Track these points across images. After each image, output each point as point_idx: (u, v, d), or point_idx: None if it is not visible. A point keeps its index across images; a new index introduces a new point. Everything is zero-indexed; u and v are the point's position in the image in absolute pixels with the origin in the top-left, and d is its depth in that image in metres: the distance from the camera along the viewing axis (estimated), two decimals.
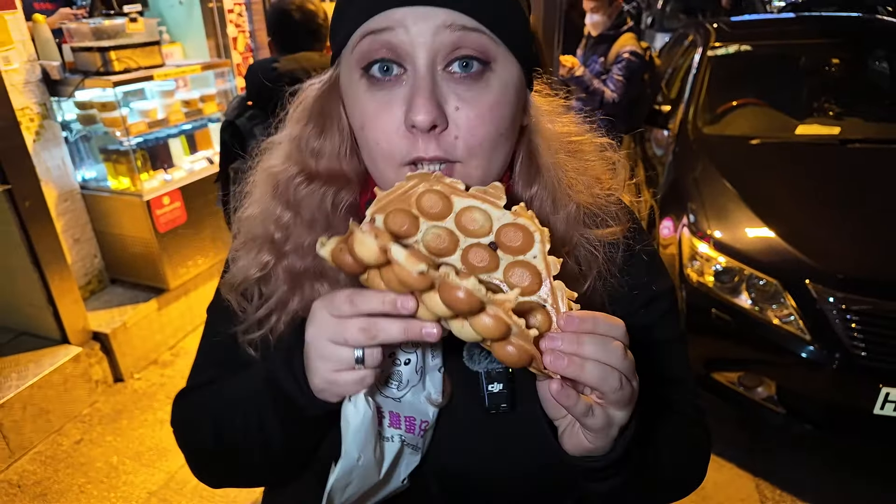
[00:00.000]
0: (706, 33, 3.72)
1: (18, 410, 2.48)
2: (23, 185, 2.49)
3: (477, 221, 0.53)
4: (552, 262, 0.51)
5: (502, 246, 0.52)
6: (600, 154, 0.68)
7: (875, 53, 3.65)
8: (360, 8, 0.54)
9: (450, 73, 0.53)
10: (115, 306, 3.06)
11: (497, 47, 0.54)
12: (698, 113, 3.21)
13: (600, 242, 0.64)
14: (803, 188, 2.63)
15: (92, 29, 2.79)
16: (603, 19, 3.31)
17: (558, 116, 0.66)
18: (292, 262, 0.64)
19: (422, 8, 0.51)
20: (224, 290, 0.69)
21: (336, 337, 0.52)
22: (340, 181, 0.64)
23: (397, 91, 0.54)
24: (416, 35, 0.52)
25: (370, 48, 0.54)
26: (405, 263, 0.46)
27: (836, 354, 2.09)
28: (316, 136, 0.64)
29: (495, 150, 0.56)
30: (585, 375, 0.49)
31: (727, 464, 2.41)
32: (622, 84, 3.18)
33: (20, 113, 2.58)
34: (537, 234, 0.52)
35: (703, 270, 2.38)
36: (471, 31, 0.52)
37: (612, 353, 0.49)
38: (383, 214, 0.54)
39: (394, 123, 0.54)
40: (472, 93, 0.54)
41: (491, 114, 0.54)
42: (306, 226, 0.64)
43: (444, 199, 0.54)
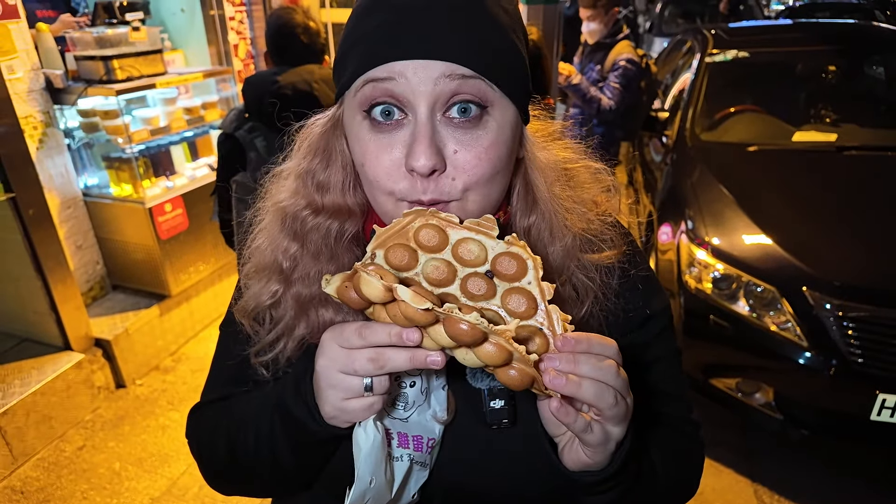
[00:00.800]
0: (704, 40, 3.75)
1: (21, 417, 2.50)
2: (26, 193, 2.52)
3: (473, 252, 0.56)
4: (546, 287, 0.54)
5: (498, 274, 0.55)
6: (595, 177, 0.70)
7: (871, 60, 3.67)
8: (361, 56, 0.56)
9: (448, 118, 0.56)
10: (117, 313, 3.08)
11: (494, 92, 0.56)
12: (696, 119, 3.24)
13: (596, 268, 0.66)
14: (800, 195, 2.65)
15: (95, 38, 2.82)
16: (599, 27, 3.34)
17: (553, 142, 0.68)
18: (299, 290, 0.67)
19: (422, 61, 0.54)
20: (237, 315, 0.72)
21: (346, 367, 0.55)
22: (344, 214, 0.67)
23: (398, 134, 0.57)
24: (416, 84, 0.54)
25: (372, 94, 0.56)
26: (411, 302, 0.49)
27: (832, 361, 2.11)
28: (321, 170, 0.66)
29: (491, 185, 0.59)
30: (582, 393, 0.51)
31: (725, 469, 2.43)
32: (619, 91, 3.21)
33: (24, 121, 2.60)
34: (530, 261, 0.55)
35: (702, 277, 2.40)
36: (469, 79, 0.54)
37: (606, 372, 0.52)
38: (383, 250, 0.57)
39: (394, 164, 0.57)
40: (469, 136, 0.56)
41: (487, 154, 0.57)
42: (312, 256, 0.67)
43: (440, 232, 0.56)
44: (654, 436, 0.70)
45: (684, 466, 0.75)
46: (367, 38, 0.56)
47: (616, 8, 3.34)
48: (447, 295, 0.57)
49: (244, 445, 0.69)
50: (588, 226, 0.66)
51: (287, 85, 1.85)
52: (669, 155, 3.20)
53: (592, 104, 3.24)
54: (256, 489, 0.77)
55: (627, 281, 0.70)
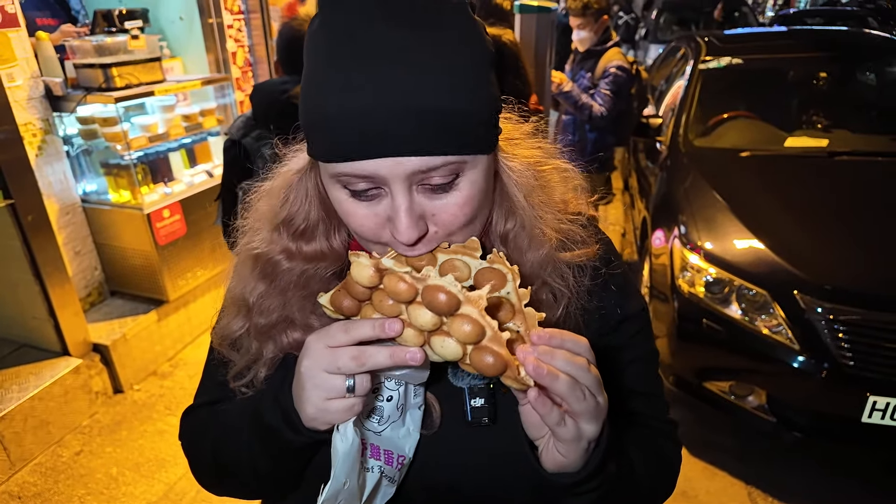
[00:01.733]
0: (697, 47, 3.80)
1: (19, 422, 2.51)
2: (25, 200, 2.54)
3: (458, 269, 0.61)
4: (523, 293, 0.58)
5: (480, 286, 0.59)
6: (564, 177, 0.72)
7: (863, 67, 3.72)
8: (329, 143, 0.55)
9: (423, 188, 0.58)
10: (115, 318, 3.09)
11: (464, 164, 0.58)
12: (689, 125, 3.28)
13: (569, 267, 0.68)
14: (792, 200, 2.68)
15: (94, 46, 2.84)
16: (589, 35, 3.37)
17: (520, 141, 0.69)
18: (257, 321, 0.69)
19: (391, 159, 0.54)
20: (214, 342, 0.75)
21: (330, 366, 0.57)
22: (325, 258, 0.68)
23: (378, 204, 0.59)
24: (391, 179, 0.56)
25: (348, 182, 0.58)
26: (393, 266, 0.54)
27: (824, 364, 2.13)
28: (301, 219, 0.66)
29: (474, 223, 0.62)
30: (557, 386, 0.52)
31: (719, 472, 2.44)
32: (610, 98, 3.25)
33: (23, 128, 2.62)
34: (509, 274, 0.59)
35: (694, 281, 2.42)
36: (440, 168, 0.56)
37: (578, 368, 0.54)
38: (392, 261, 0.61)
39: (379, 225, 0.60)
40: (443, 201, 0.59)
41: (463, 210, 0.60)
42: (280, 291, 0.68)
43: (429, 254, 0.62)
44: (632, 436, 0.72)
45: (662, 467, 0.76)
46: (330, 125, 0.54)
47: (605, 16, 3.38)
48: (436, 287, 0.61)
49: (226, 452, 0.72)
50: (560, 226, 0.68)
51: (296, 95, 1.86)
52: (663, 161, 3.23)
53: (584, 111, 3.28)
54: (243, 492, 0.79)
55: (601, 280, 0.71)
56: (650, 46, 9.58)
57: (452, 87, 0.53)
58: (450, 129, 0.54)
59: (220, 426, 0.74)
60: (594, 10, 3.28)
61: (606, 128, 3.41)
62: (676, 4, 10.73)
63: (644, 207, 3.42)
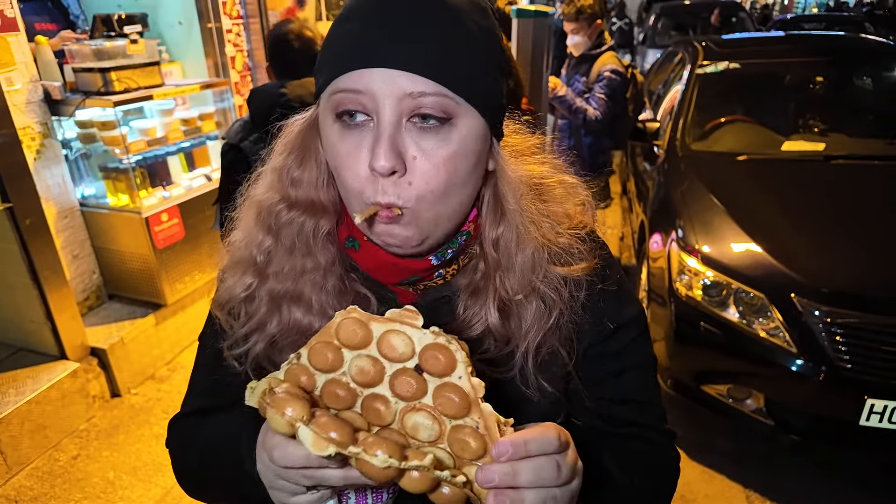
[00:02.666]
0: (694, 52, 3.82)
1: (16, 426, 2.50)
2: (24, 203, 2.54)
3: (398, 348, 0.54)
4: (477, 384, 0.52)
5: (427, 370, 0.54)
6: (569, 192, 0.71)
7: (859, 71, 3.74)
8: (332, 63, 0.59)
9: (412, 123, 0.58)
10: (113, 322, 3.09)
11: (458, 105, 0.58)
12: (686, 129, 3.29)
13: (564, 281, 0.67)
14: (789, 204, 2.69)
15: (93, 50, 2.85)
16: (584, 40, 3.38)
17: (530, 156, 0.70)
18: (272, 286, 0.69)
19: (390, 71, 0.55)
20: (213, 308, 0.74)
21: (280, 483, 0.57)
22: (318, 210, 0.68)
23: (364, 137, 0.58)
24: (381, 96, 0.56)
25: (341, 101, 0.58)
26: (312, 449, 0.48)
27: (822, 367, 2.14)
28: (296, 167, 0.68)
29: (447, 196, 0.60)
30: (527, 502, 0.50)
31: (717, 475, 2.44)
32: (604, 102, 3.26)
33: (22, 132, 2.63)
34: (459, 353, 0.52)
35: (692, 284, 2.43)
36: (430, 96, 0.56)
37: (546, 476, 0.50)
38: (307, 350, 0.57)
39: (361, 166, 0.59)
40: (430, 144, 0.58)
41: (445, 166, 0.58)
42: (286, 251, 0.68)
43: (362, 326, 0.55)
44: (616, 447, 0.71)
45: (652, 476, 0.75)
46: (339, 44, 0.59)
47: (599, 20, 3.39)
48: (376, 396, 0.55)
49: (213, 472, 0.72)
50: (556, 239, 0.67)
51: (295, 98, 1.87)
52: (660, 165, 3.24)
53: (578, 115, 3.29)
54: None
55: (595, 294, 0.70)
56: (648, 51, 9.61)
57: (458, 38, 0.57)
58: (447, 65, 0.56)
59: (207, 445, 0.74)
60: (588, 14, 3.30)
61: (602, 131, 3.42)
62: (674, 9, 10.79)
63: (642, 211, 3.42)
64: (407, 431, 0.55)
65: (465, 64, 0.58)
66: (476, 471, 0.50)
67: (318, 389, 0.57)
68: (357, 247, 0.68)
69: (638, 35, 11.14)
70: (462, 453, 0.52)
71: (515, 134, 0.70)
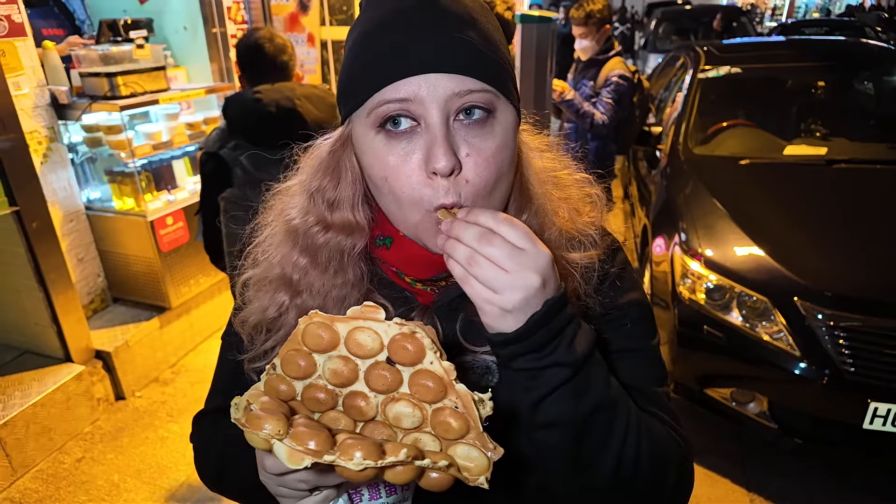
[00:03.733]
0: (696, 56, 3.83)
1: (21, 428, 2.51)
2: (30, 207, 2.56)
3: (365, 345, 0.55)
4: (448, 367, 0.53)
5: (397, 361, 0.55)
6: (581, 188, 0.74)
7: (861, 76, 3.75)
8: (369, 80, 0.60)
9: (459, 121, 0.60)
10: (118, 325, 3.10)
11: (497, 99, 0.61)
12: (689, 134, 3.30)
13: (578, 265, 0.69)
14: (791, 207, 2.70)
15: (100, 55, 2.88)
16: (592, 44, 3.41)
17: (544, 152, 0.73)
18: (305, 301, 0.71)
19: (432, 75, 0.57)
20: (237, 325, 0.75)
21: (283, 490, 0.59)
22: (353, 230, 0.70)
23: (414, 142, 0.60)
24: (429, 99, 0.58)
25: (387, 111, 0.59)
26: (288, 464, 0.49)
27: (825, 370, 2.14)
28: (332, 188, 0.69)
29: (497, 187, 0.63)
30: (456, 252, 0.56)
31: (721, 478, 2.44)
32: (612, 106, 3.27)
33: (29, 136, 2.65)
34: (425, 339, 0.53)
35: (695, 288, 2.43)
36: (477, 93, 0.59)
37: (479, 241, 0.55)
38: (280, 360, 0.58)
39: (415, 172, 0.60)
40: (478, 139, 0.60)
41: (495, 158, 0.61)
42: (321, 269, 0.70)
43: (327, 328, 0.56)
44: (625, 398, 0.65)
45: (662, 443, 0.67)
46: (371, 60, 0.60)
47: (607, 25, 3.41)
48: (355, 394, 0.57)
49: (230, 474, 0.75)
50: (573, 226, 0.70)
51: (271, 102, 1.87)
52: (663, 169, 3.25)
53: (586, 119, 3.30)
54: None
55: (606, 280, 0.72)
56: (649, 56, 9.65)
57: (482, 36, 0.60)
58: (484, 61, 0.59)
59: (225, 444, 0.76)
60: (597, 19, 3.32)
61: (608, 136, 3.44)
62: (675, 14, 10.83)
63: (644, 215, 3.43)
64: (391, 422, 0.56)
65: (493, 59, 0.61)
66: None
67: (298, 396, 0.58)
68: (389, 244, 0.69)
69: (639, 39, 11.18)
70: (446, 434, 0.54)
71: (526, 132, 0.73)
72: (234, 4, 3.83)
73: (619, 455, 0.61)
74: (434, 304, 0.71)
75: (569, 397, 0.58)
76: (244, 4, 3.92)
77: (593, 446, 0.60)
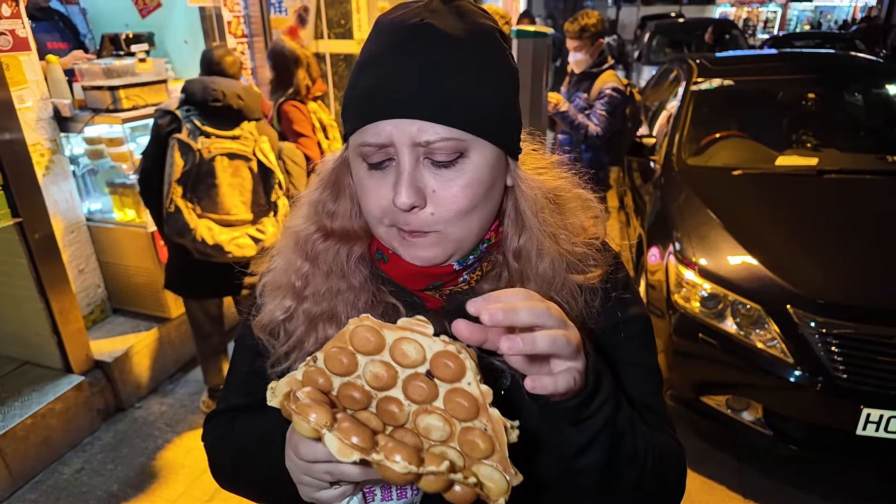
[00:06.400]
0: (689, 69, 3.90)
1: (21, 439, 2.52)
2: (32, 218, 2.58)
3: (409, 355, 0.57)
4: (485, 391, 0.55)
5: (437, 376, 0.57)
6: (585, 205, 0.77)
7: (850, 88, 3.82)
8: (355, 115, 0.66)
9: (429, 160, 0.64)
10: (118, 335, 3.12)
11: (469, 141, 0.63)
12: (682, 145, 3.35)
13: (580, 288, 0.72)
14: (783, 217, 2.74)
15: (103, 69, 2.92)
16: (585, 58, 3.47)
17: (546, 171, 0.75)
18: (309, 307, 0.74)
19: (403, 121, 0.61)
20: (256, 330, 0.78)
21: (306, 479, 0.61)
22: (352, 238, 0.74)
23: (388, 175, 0.65)
24: (399, 143, 0.62)
25: (366, 154, 0.65)
26: (338, 456, 0.52)
27: (818, 377, 2.17)
28: (331, 201, 0.75)
29: (469, 216, 0.66)
30: (539, 345, 0.53)
31: (717, 485, 2.46)
32: (605, 118, 3.33)
33: (32, 149, 2.67)
34: (468, 360, 0.55)
35: (690, 297, 2.47)
36: (439, 142, 0.62)
37: (540, 314, 0.54)
38: (324, 355, 0.60)
39: (384, 198, 0.65)
40: (444, 178, 0.64)
41: (463, 192, 0.64)
42: (323, 275, 0.74)
43: (375, 333, 0.58)
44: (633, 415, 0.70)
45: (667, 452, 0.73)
46: (358, 95, 0.65)
47: (601, 39, 3.48)
48: (390, 399, 0.59)
49: (249, 470, 0.76)
50: (573, 248, 0.72)
51: (218, 89, 2.41)
52: (657, 179, 3.30)
53: (580, 130, 3.36)
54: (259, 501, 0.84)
55: (609, 301, 0.75)
56: (643, 68, 9.76)
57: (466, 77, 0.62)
58: (454, 106, 0.61)
59: (241, 443, 0.78)
60: (591, 33, 3.38)
61: (601, 147, 3.49)
62: (668, 27, 10.97)
63: (639, 225, 3.48)
64: (420, 431, 0.59)
65: (474, 101, 0.62)
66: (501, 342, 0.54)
67: (334, 390, 0.61)
68: (385, 259, 0.73)
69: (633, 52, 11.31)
70: (472, 453, 0.56)
71: (534, 153, 0.76)
72: (235, 19, 3.89)
73: (642, 469, 0.66)
74: (442, 309, 0.74)
75: (608, 432, 0.62)
76: (244, 19, 3.98)
77: (622, 466, 0.65)
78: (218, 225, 2.44)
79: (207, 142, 2.36)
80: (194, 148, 2.33)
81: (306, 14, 4.46)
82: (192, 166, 2.34)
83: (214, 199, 2.42)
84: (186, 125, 2.36)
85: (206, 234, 2.39)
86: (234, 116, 2.42)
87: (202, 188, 2.40)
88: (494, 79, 0.65)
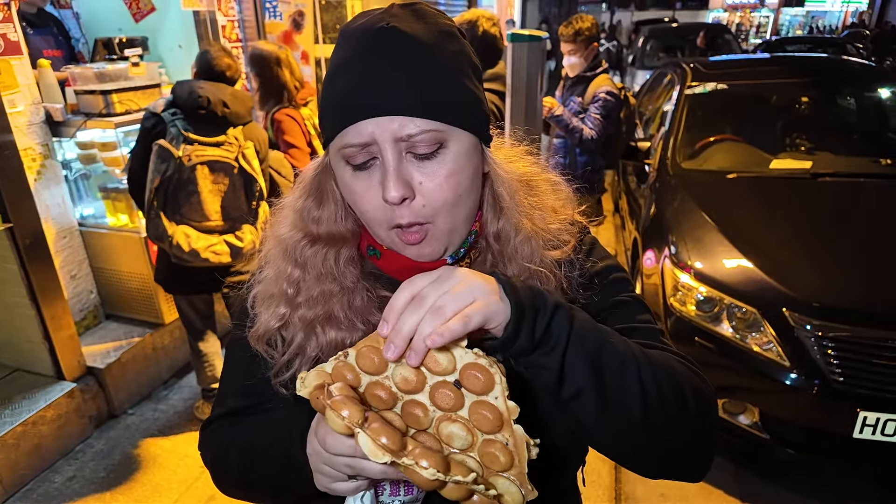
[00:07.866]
0: (683, 73, 3.92)
1: (12, 447, 2.48)
2: (23, 223, 2.55)
3: (441, 363, 0.58)
4: (512, 407, 0.56)
5: (466, 387, 0.58)
6: (554, 188, 0.80)
7: (843, 92, 3.85)
8: (333, 121, 0.67)
9: (412, 154, 0.66)
10: (110, 341, 3.09)
11: (447, 131, 0.66)
12: (677, 148, 3.36)
13: (558, 263, 0.75)
14: (778, 220, 2.75)
15: (95, 73, 2.90)
16: (580, 62, 3.48)
17: (518, 159, 0.79)
18: (304, 312, 0.75)
19: (381, 119, 0.63)
20: (252, 343, 0.78)
21: (327, 468, 0.63)
22: (339, 241, 0.76)
23: (374, 174, 0.67)
24: (381, 143, 0.65)
25: (350, 155, 0.67)
26: (370, 456, 0.53)
27: (815, 381, 2.16)
28: (315, 207, 0.76)
29: (457, 206, 0.69)
30: None
31: (715, 490, 2.45)
32: (599, 122, 3.34)
33: (23, 153, 2.65)
34: (497, 375, 0.56)
35: (686, 300, 2.47)
36: (419, 135, 0.64)
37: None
38: (356, 351, 0.62)
39: (376, 199, 0.67)
40: (429, 169, 0.66)
41: (448, 182, 0.66)
42: (314, 279, 0.75)
43: None
44: None
45: (690, 377, 0.69)
46: (334, 101, 0.66)
47: (595, 43, 3.49)
48: (416, 403, 0.60)
49: (257, 472, 0.76)
50: (548, 226, 0.76)
51: (204, 95, 2.35)
52: (652, 183, 3.31)
53: (575, 134, 3.36)
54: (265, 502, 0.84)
55: (585, 271, 0.78)
56: (637, 72, 9.80)
57: (436, 72, 0.65)
58: (430, 99, 0.64)
59: (248, 444, 0.77)
60: (585, 36, 3.39)
61: (596, 150, 3.50)
62: (662, 32, 11.03)
63: (634, 229, 3.48)
64: (442, 438, 0.60)
65: (446, 93, 0.65)
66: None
67: (361, 387, 0.63)
68: (378, 255, 0.75)
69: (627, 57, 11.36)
70: (491, 465, 0.57)
71: (503, 146, 0.79)
72: (229, 23, 3.88)
73: (640, 379, 0.61)
74: None
75: (576, 338, 0.59)
76: (238, 23, 3.97)
77: (614, 377, 0.60)
78: (196, 231, 2.43)
79: (190, 149, 2.33)
80: (175, 155, 2.31)
81: (301, 18, 4.46)
82: (173, 173, 2.32)
83: (196, 206, 2.40)
84: (171, 129, 2.35)
85: (182, 240, 2.38)
86: (219, 122, 2.40)
87: (183, 195, 2.38)
88: (460, 72, 0.67)
